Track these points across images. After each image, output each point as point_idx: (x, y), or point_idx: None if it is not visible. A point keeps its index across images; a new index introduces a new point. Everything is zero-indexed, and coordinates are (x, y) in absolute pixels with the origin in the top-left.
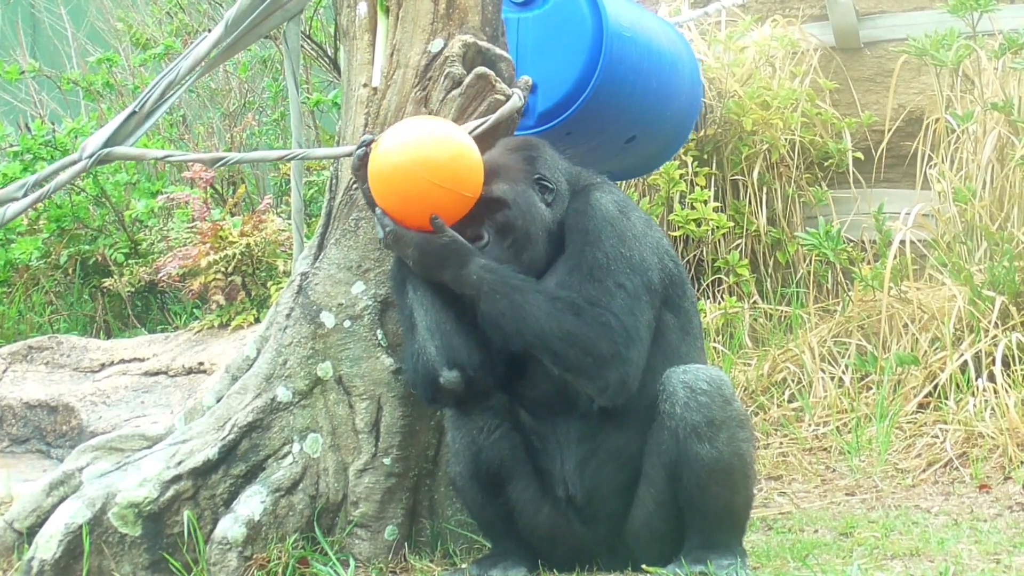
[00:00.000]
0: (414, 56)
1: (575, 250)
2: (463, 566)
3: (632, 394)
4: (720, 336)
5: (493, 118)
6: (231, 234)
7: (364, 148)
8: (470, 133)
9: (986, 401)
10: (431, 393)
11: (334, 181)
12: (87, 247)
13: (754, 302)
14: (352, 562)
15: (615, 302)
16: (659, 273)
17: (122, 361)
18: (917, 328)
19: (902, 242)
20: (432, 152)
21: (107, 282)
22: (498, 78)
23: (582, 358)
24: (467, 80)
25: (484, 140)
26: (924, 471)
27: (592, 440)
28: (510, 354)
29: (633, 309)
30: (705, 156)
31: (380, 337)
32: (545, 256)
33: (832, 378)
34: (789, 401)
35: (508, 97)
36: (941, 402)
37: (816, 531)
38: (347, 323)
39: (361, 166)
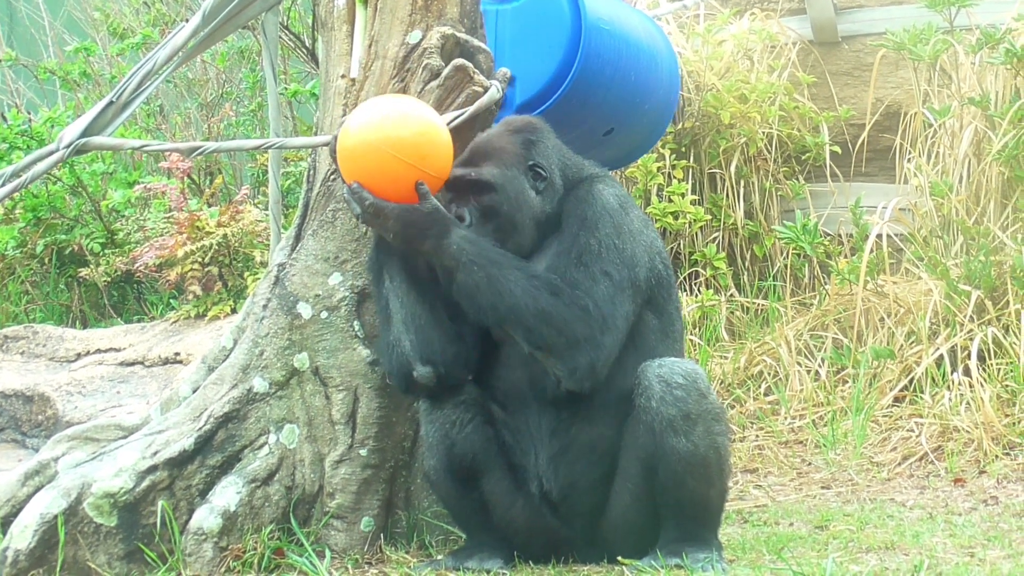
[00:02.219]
0: (392, 47)
1: (569, 234)
2: (439, 557)
3: (599, 382)
4: (697, 329)
5: (471, 110)
6: (208, 224)
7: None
8: (448, 125)
9: (961, 395)
10: (405, 385)
11: (312, 172)
12: (63, 237)
13: (731, 295)
14: (328, 553)
15: (598, 288)
16: (647, 272)
17: (98, 351)
18: (893, 322)
19: (879, 236)
20: (396, 128)
21: (83, 272)
22: (476, 70)
23: (555, 337)
24: (445, 72)
25: (462, 132)
26: (899, 465)
27: (565, 434)
28: (482, 345)
29: (614, 298)
30: (683, 149)
31: (357, 328)
32: (531, 243)
33: (808, 371)
34: (765, 394)
35: (486, 89)
36: (917, 396)
37: (791, 524)
38: (324, 314)
39: (336, 149)
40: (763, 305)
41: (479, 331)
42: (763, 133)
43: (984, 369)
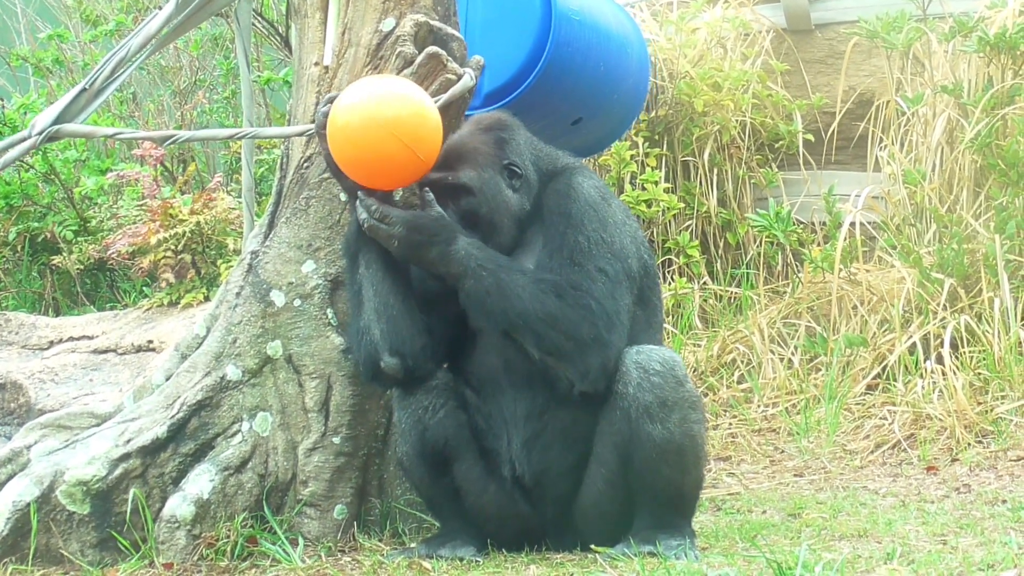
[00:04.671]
0: (365, 35)
1: (556, 233)
2: (412, 545)
3: (611, 380)
4: (670, 317)
5: (444, 98)
6: (181, 212)
7: (328, 106)
8: None
9: (934, 383)
10: (372, 374)
11: (285, 160)
12: (36, 224)
13: (704, 283)
14: (301, 541)
15: (596, 287)
16: (637, 261)
17: (71, 339)
18: (866, 310)
19: (852, 224)
20: (394, 106)
21: (56, 259)
22: (450, 58)
23: (564, 342)
24: (418, 60)
25: None
26: (872, 452)
27: (538, 419)
28: (456, 332)
29: (614, 294)
30: (656, 137)
31: (330, 316)
32: (511, 242)
33: (781, 359)
34: (738, 382)
35: (460, 77)
36: (889, 384)
37: (764, 512)
38: (297, 302)
39: (324, 125)
40: (736, 293)
41: (449, 323)
42: (736, 121)
43: (957, 357)
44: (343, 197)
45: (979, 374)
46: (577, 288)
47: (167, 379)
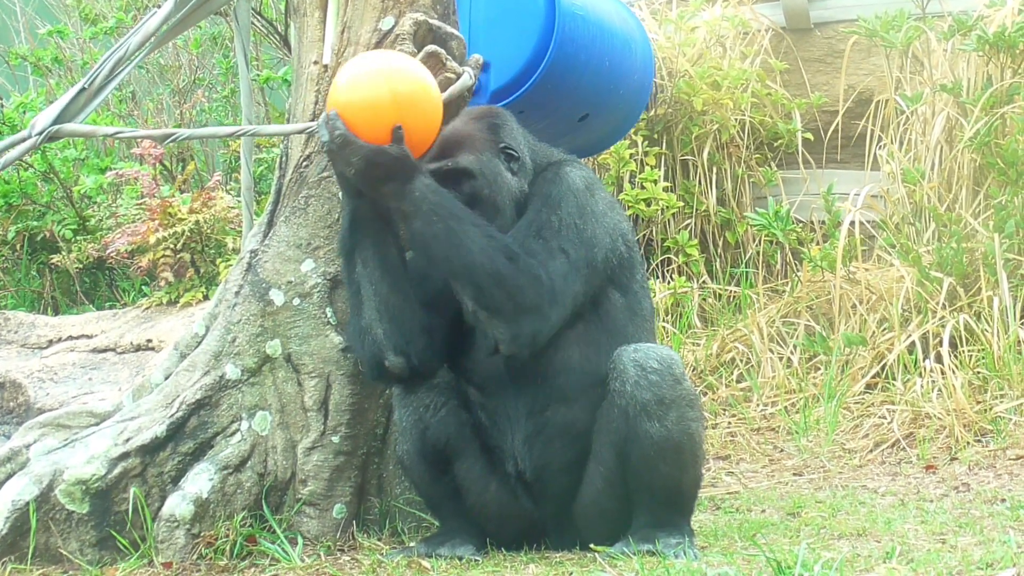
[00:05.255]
0: (365, 34)
1: (533, 210)
2: (411, 544)
3: (537, 351)
4: (669, 316)
5: (443, 96)
6: (180, 211)
7: None
8: None
9: (933, 382)
10: (376, 372)
11: (284, 158)
12: (35, 223)
13: (703, 282)
14: (300, 540)
15: (553, 262)
16: (607, 253)
17: (70, 338)
18: (865, 309)
19: (851, 223)
20: (404, 74)
21: (55, 258)
22: (449, 56)
23: (504, 301)
24: (418, 58)
25: None
26: (871, 451)
27: (540, 415)
28: (457, 331)
29: (567, 275)
30: (655, 136)
31: (329, 315)
32: (512, 224)
33: (780, 358)
34: (738, 381)
35: (459, 76)
36: (888, 383)
37: (764, 511)
38: (296, 301)
39: None
40: (735, 292)
41: (448, 320)
42: (735, 120)
43: (956, 356)
44: (342, 196)
45: (978, 373)
46: (532, 256)
47: (166, 378)
